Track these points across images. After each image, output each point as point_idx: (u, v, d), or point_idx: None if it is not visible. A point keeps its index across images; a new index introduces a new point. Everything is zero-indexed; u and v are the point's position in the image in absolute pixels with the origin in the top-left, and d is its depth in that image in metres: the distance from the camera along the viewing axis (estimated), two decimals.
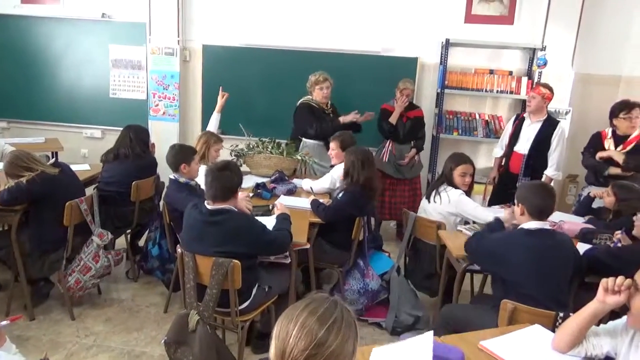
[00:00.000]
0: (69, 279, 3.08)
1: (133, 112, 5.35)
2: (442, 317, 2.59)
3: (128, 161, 3.56)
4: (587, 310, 1.66)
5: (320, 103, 4.28)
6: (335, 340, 1.02)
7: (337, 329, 1.04)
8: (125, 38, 5.34)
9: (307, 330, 1.02)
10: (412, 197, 4.64)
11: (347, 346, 1.04)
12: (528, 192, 2.48)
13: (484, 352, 1.73)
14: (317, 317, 1.04)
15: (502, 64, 5.05)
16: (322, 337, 1.01)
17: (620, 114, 3.67)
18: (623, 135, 3.68)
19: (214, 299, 2.37)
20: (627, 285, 1.56)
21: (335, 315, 1.05)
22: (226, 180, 2.42)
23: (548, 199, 2.43)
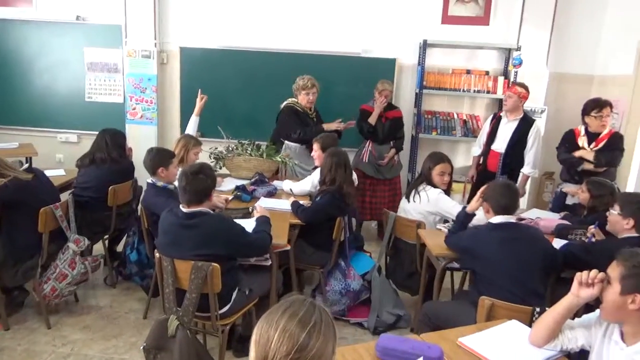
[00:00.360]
0: (44, 287, 3.01)
1: (110, 116, 5.26)
2: (423, 314, 2.61)
3: (104, 166, 3.50)
4: (562, 304, 1.70)
5: (304, 107, 4.27)
6: (317, 343, 1.02)
7: (318, 331, 1.03)
8: (101, 41, 5.25)
9: (289, 335, 1.01)
10: (392, 197, 4.67)
11: (327, 347, 1.04)
12: (492, 191, 2.62)
13: (463, 348, 1.75)
14: (297, 320, 1.03)
15: (478, 64, 5.12)
16: (303, 340, 1.01)
17: (592, 112, 3.72)
18: (594, 132, 3.74)
19: (194, 304, 2.35)
20: (600, 278, 1.60)
21: (315, 318, 1.05)
22: (200, 183, 2.40)
23: (511, 197, 2.57)
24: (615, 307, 1.55)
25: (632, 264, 1.52)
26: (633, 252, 1.57)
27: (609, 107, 3.71)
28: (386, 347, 1.66)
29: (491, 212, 2.57)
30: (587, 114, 3.76)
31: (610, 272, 1.59)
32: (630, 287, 1.51)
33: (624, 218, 2.45)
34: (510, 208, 2.54)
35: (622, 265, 1.55)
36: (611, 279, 1.57)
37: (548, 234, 3.02)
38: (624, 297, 1.52)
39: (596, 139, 3.73)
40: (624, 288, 1.52)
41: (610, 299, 1.56)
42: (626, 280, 1.52)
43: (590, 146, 3.73)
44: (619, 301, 1.53)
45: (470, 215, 2.82)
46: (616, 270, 1.56)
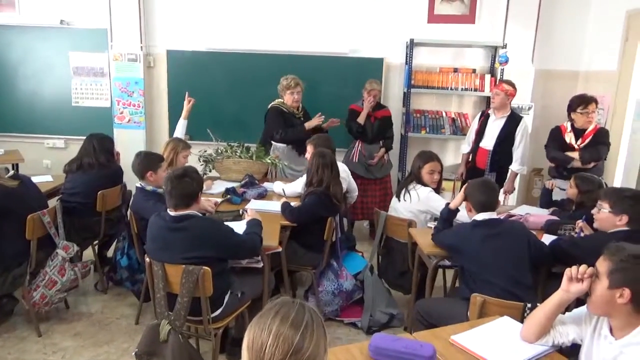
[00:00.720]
0: (33, 295, 2.97)
1: (97, 120, 5.22)
2: (415, 313, 2.62)
3: (92, 171, 3.46)
4: (552, 300, 1.72)
5: (290, 107, 4.27)
6: (311, 344, 1.02)
7: (311, 332, 1.03)
8: (86, 45, 5.21)
9: (283, 338, 1.01)
10: (383, 197, 4.68)
11: (320, 347, 1.05)
12: (471, 189, 2.67)
13: (456, 346, 1.76)
14: (289, 323, 1.03)
15: (465, 62, 5.15)
16: (298, 343, 1.01)
17: (577, 108, 3.75)
18: (581, 128, 3.77)
19: (185, 308, 2.33)
20: (589, 273, 1.62)
21: (306, 318, 1.05)
22: (185, 187, 2.38)
23: (489, 194, 2.61)
24: (604, 301, 1.56)
25: (620, 258, 1.54)
26: (619, 246, 1.58)
27: (594, 103, 3.74)
28: (379, 347, 1.66)
29: (473, 211, 2.61)
30: (573, 110, 3.79)
31: (598, 266, 1.60)
32: (618, 282, 1.52)
33: (616, 215, 2.42)
34: (489, 204, 2.58)
35: (609, 259, 1.56)
36: (599, 274, 1.59)
37: (538, 229, 3.05)
38: (612, 291, 1.53)
39: (582, 135, 3.75)
40: (612, 282, 1.53)
41: (599, 294, 1.57)
42: (614, 274, 1.53)
43: (577, 142, 3.76)
44: (607, 295, 1.54)
45: (453, 212, 2.83)
46: (604, 265, 1.57)
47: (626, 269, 1.52)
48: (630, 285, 1.50)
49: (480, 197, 2.59)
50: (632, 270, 1.51)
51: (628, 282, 1.51)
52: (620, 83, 4.35)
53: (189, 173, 2.44)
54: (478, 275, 2.40)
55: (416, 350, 1.62)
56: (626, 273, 1.51)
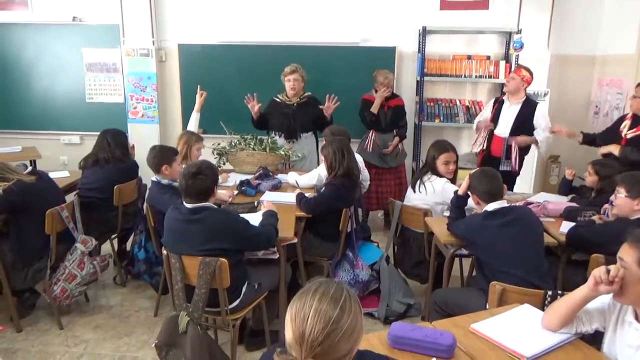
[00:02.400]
0: (54, 288, 3.02)
1: (111, 116, 5.26)
2: (433, 303, 2.61)
3: (109, 166, 3.49)
4: (578, 294, 1.64)
5: (284, 97, 4.27)
6: (349, 317, 1.10)
7: (349, 306, 1.12)
8: (99, 41, 5.24)
9: (324, 310, 1.09)
10: (397, 186, 4.66)
11: (358, 321, 1.13)
12: (473, 181, 2.63)
13: (476, 334, 1.74)
14: (329, 297, 1.11)
15: (479, 49, 5.07)
16: (337, 315, 1.09)
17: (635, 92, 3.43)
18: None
19: (203, 299, 2.35)
20: (620, 276, 1.51)
21: (344, 295, 1.13)
22: (200, 183, 2.38)
23: (492, 182, 2.56)
24: (635, 291, 1.49)
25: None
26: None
27: None
28: (398, 336, 1.66)
29: (481, 203, 2.56)
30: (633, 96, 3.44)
31: (624, 256, 1.53)
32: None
33: (634, 199, 2.41)
34: (496, 192, 2.53)
35: (636, 247, 1.49)
36: (627, 264, 1.51)
37: (557, 217, 3.01)
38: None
39: (638, 125, 3.40)
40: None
41: (631, 284, 1.49)
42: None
43: (629, 132, 3.44)
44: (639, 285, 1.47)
45: (463, 198, 2.77)
46: (631, 254, 1.50)
47: None
48: None
49: (485, 186, 2.55)
50: None
51: None
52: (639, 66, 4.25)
53: (203, 169, 2.43)
54: (495, 267, 2.36)
55: (436, 339, 1.61)
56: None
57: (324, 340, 1.07)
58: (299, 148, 4.28)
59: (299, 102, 4.29)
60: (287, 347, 1.12)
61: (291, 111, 4.24)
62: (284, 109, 4.25)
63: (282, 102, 4.28)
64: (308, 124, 4.32)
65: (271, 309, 2.84)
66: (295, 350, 1.09)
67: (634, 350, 1.54)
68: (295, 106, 4.26)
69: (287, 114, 4.23)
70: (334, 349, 1.08)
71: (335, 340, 1.08)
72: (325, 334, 1.07)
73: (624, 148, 3.38)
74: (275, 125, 4.28)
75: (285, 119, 4.22)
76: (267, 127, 4.35)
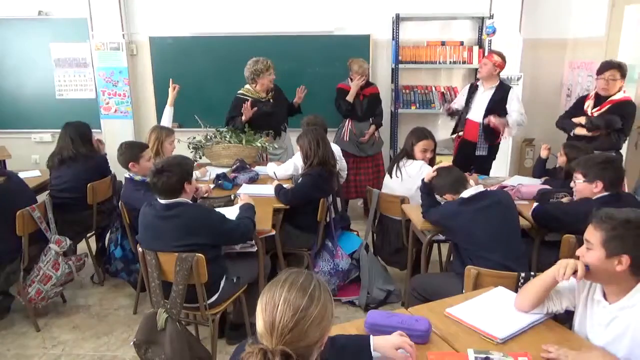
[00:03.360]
0: (29, 290, 2.97)
1: (83, 112, 5.11)
2: (411, 289, 2.63)
3: (76, 164, 3.41)
4: (548, 276, 1.69)
5: (255, 93, 4.14)
6: (319, 304, 1.14)
7: (318, 294, 1.15)
8: (67, 35, 5.10)
9: (293, 298, 1.12)
10: (375, 174, 4.68)
11: (327, 309, 1.17)
12: (438, 180, 2.68)
13: (451, 319, 1.77)
14: (298, 286, 1.14)
15: (453, 35, 5.09)
16: (306, 303, 1.12)
17: (599, 73, 3.52)
18: (605, 96, 3.51)
19: (181, 295, 2.33)
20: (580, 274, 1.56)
21: (313, 283, 1.17)
22: (165, 181, 2.33)
23: (452, 172, 2.64)
24: (602, 270, 1.54)
25: (611, 226, 1.51)
26: (607, 213, 1.55)
27: (614, 69, 3.44)
28: (375, 323, 1.67)
29: (454, 197, 2.59)
30: (597, 76, 3.55)
31: (589, 237, 1.57)
32: (615, 249, 1.50)
33: (591, 183, 2.48)
34: (458, 179, 2.59)
35: (601, 228, 1.53)
36: (592, 245, 1.56)
37: (531, 199, 3.06)
38: (609, 260, 1.51)
39: (602, 103, 3.51)
40: (609, 251, 1.51)
41: (596, 264, 1.54)
42: (609, 243, 1.51)
43: (593, 110, 3.54)
44: (605, 265, 1.52)
45: (429, 184, 2.78)
46: (596, 235, 1.54)
47: (622, 236, 1.50)
48: (628, 252, 1.49)
49: (446, 180, 2.61)
50: (629, 236, 1.49)
51: (627, 249, 1.49)
52: (609, 48, 4.32)
53: (168, 166, 2.36)
54: (473, 252, 2.39)
55: (411, 325, 1.63)
56: (623, 240, 1.49)
57: (294, 328, 1.09)
58: (281, 142, 4.27)
59: (272, 95, 4.23)
60: (258, 336, 1.14)
61: (270, 109, 4.16)
62: (263, 108, 4.12)
63: (257, 99, 4.14)
64: (285, 116, 4.33)
65: (251, 301, 2.82)
66: (266, 339, 1.11)
67: (603, 328, 1.58)
68: (271, 102, 4.20)
69: (268, 113, 4.13)
70: (304, 336, 1.11)
71: (304, 328, 1.10)
72: (295, 322, 1.10)
73: (588, 117, 3.50)
74: (262, 126, 4.11)
75: (270, 118, 4.14)
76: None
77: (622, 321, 1.52)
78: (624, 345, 1.50)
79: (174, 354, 2.22)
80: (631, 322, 1.49)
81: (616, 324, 1.54)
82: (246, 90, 4.19)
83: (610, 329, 1.55)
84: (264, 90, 4.16)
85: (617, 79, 3.46)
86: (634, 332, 1.47)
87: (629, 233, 1.49)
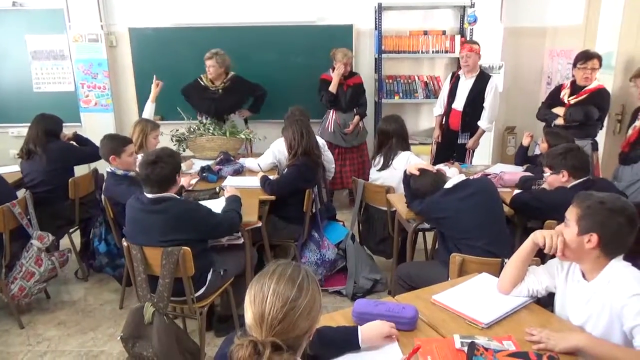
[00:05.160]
0: (11, 287, 2.93)
1: (62, 105, 5.02)
2: (397, 277, 2.66)
3: (40, 157, 3.36)
4: (523, 248, 1.79)
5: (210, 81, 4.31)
6: (307, 295, 1.15)
7: (306, 286, 1.16)
8: (43, 27, 4.97)
9: (282, 290, 1.12)
10: (360, 164, 4.70)
11: (316, 299, 1.18)
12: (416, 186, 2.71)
13: (437, 305, 1.79)
14: (287, 278, 1.15)
15: (435, 24, 5.10)
16: (295, 294, 1.13)
17: (577, 63, 3.58)
18: (581, 86, 3.58)
19: (168, 289, 2.32)
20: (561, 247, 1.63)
21: (301, 275, 1.18)
22: (159, 172, 2.31)
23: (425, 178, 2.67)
24: (574, 247, 1.62)
25: (587, 204, 1.59)
26: (588, 194, 1.63)
27: (596, 59, 3.51)
28: (362, 312, 1.68)
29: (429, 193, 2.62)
30: (575, 66, 3.61)
31: (568, 215, 1.65)
32: (586, 227, 1.57)
33: (557, 173, 2.56)
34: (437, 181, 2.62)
35: (578, 207, 1.61)
36: (569, 222, 1.63)
37: (513, 186, 3.11)
38: (581, 237, 1.59)
39: (579, 92, 3.58)
40: (580, 229, 1.59)
41: (569, 240, 1.62)
42: (582, 220, 1.59)
43: (570, 98, 3.61)
44: (577, 241, 1.60)
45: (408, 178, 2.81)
46: (573, 213, 1.62)
47: (593, 214, 1.57)
48: (597, 230, 1.55)
49: (425, 181, 2.64)
50: (599, 215, 1.56)
51: (596, 227, 1.56)
52: (587, 36, 4.38)
53: (162, 157, 2.35)
54: (458, 239, 2.42)
55: (398, 312, 1.65)
56: (594, 218, 1.57)
57: (283, 319, 1.10)
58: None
59: (224, 86, 4.29)
60: (247, 328, 1.15)
61: (217, 96, 4.26)
62: (209, 94, 4.27)
63: (207, 87, 4.30)
64: (234, 107, 4.40)
65: (239, 293, 2.83)
66: (255, 331, 1.11)
67: (582, 305, 1.63)
68: (220, 91, 4.28)
69: (212, 99, 4.26)
70: (293, 327, 1.12)
71: (294, 319, 1.11)
72: (284, 313, 1.10)
73: (567, 110, 3.56)
74: (201, 108, 4.35)
75: (212, 103, 4.26)
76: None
77: (600, 297, 1.57)
78: (603, 320, 1.56)
79: (161, 347, 2.21)
80: (607, 297, 1.54)
81: (595, 300, 1.59)
82: (204, 76, 4.34)
83: (590, 306, 1.60)
84: (213, 79, 4.27)
85: (597, 68, 3.54)
86: (611, 307, 1.53)
87: (600, 213, 1.56)
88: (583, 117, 3.48)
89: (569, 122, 3.53)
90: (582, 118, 3.49)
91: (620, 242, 1.58)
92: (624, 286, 1.51)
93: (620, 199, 1.62)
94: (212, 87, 4.28)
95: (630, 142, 3.32)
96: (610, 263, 1.58)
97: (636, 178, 3.22)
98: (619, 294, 1.51)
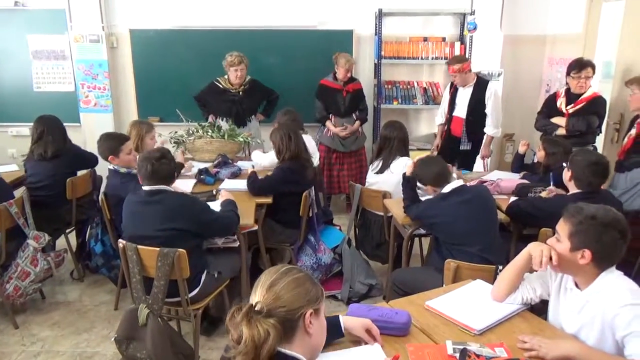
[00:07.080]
0: (6, 287, 2.92)
1: (62, 105, 5.03)
2: (392, 283, 2.66)
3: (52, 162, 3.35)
4: (519, 259, 1.77)
5: (228, 84, 4.34)
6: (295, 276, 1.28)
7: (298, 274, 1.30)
8: (45, 27, 4.99)
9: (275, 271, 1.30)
10: (358, 169, 4.70)
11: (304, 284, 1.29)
12: (419, 170, 2.71)
13: (430, 311, 1.79)
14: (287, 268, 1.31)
15: (435, 30, 5.12)
16: (285, 272, 1.29)
17: (571, 72, 3.59)
18: (577, 94, 3.59)
19: (163, 291, 2.32)
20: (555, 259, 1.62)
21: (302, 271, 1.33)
22: (164, 168, 2.41)
23: (437, 164, 2.64)
24: (566, 262, 1.60)
25: (578, 220, 1.57)
26: (578, 208, 1.60)
27: (589, 67, 3.54)
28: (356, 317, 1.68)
29: (436, 189, 2.61)
30: (568, 74, 3.62)
31: (559, 229, 1.63)
32: (579, 244, 1.56)
33: (568, 170, 2.55)
34: (443, 173, 2.60)
35: (569, 222, 1.59)
36: (560, 237, 1.62)
37: (509, 194, 3.11)
38: (574, 253, 1.57)
39: (575, 101, 3.59)
40: (573, 245, 1.57)
41: (561, 256, 1.60)
42: (574, 237, 1.57)
43: (568, 107, 3.61)
44: (570, 257, 1.58)
45: (411, 178, 2.81)
46: (565, 228, 1.60)
47: (585, 230, 1.55)
48: (590, 247, 1.54)
49: (432, 169, 2.62)
50: (591, 232, 1.54)
51: (588, 243, 1.54)
52: (587, 44, 4.40)
53: (166, 154, 2.47)
54: (453, 245, 2.42)
55: (392, 318, 1.65)
56: (586, 235, 1.55)
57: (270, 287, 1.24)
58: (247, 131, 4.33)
59: (244, 89, 4.35)
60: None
61: (238, 98, 4.31)
62: (225, 96, 4.31)
63: (227, 89, 4.33)
64: (253, 109, 4.46)
65: (233, 296, 2.83)
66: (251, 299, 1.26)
67: (575, 314, 1.63)
68: (241, 94, 4.33)
69: (233, 101, 4.30)
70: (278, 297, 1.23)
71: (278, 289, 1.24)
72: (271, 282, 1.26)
73: (569, 120, 3.56)
74: (222, 111, 4.35)
75: (233, 105, 4.30)
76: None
77: (592, 306, 1.57)
78: (595, 329, 1.55)
79: (155, 349, 2.21)
80: (600, 306, 1.54)
81: (587, 309, 1.58)
82: (222, 79, 4.35)
83: (582, 315, 1.60)
84: (237, 84, 4.31)
85: (590, 76, 3.57)
86: (603, 316, 1.53)
87: (593, 229, 1.54)
88: (585, 127, 3.50)
89: (571, 132, 3.52)
90: (585, 129, 3.50)
91: (613, 255, 1.57)
92: (616, 296, 1.51)
93: (610, 211, 1.58)
94: (233, 89, 4.33)
95: (625, 150, 3.33)
96: (602, 274, 1.58)
97: (630, 185, 3.23)
98: (611, 304, 1.51)
